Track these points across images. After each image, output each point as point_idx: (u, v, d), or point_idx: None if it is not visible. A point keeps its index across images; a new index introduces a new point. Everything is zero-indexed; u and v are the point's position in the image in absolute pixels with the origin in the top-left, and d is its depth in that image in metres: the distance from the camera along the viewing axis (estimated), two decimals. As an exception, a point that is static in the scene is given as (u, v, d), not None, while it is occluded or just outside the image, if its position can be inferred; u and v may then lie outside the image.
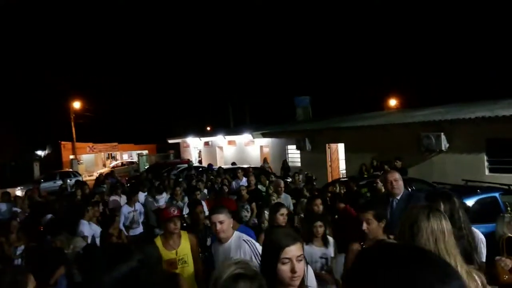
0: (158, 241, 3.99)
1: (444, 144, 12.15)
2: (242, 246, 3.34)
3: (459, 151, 12.00)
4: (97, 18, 66.06)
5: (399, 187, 4.32)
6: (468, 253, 2.47)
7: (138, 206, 8.16)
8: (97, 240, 6.24)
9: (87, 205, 6.87)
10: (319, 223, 4.40)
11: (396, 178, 4.24)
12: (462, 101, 16.67)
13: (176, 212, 4.19)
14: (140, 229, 7.96)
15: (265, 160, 16.86)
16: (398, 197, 4.36)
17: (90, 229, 6.20)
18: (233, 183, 10.15)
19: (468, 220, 2.70)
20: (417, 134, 12.66)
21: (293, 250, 2.11)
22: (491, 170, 11.41)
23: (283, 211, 4.64)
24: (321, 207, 5.66)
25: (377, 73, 38.35)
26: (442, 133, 12.10)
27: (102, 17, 67.04)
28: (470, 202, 6.81)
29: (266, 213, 6.76)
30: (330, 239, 4.50)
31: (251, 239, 3.46)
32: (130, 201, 8.00)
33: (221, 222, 3.41)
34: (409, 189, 6.78)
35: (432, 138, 12.26)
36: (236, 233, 3.53)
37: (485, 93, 20.04)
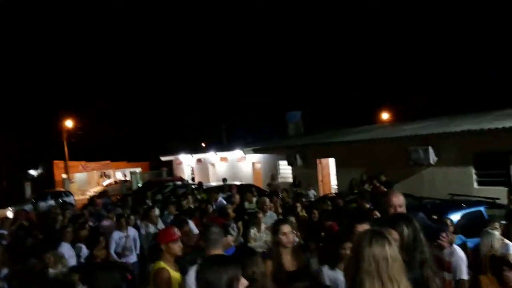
0: (164, 265, 3.81)
1: (432, 158, 12.20)
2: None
3: (447, 164, 12.06)
4: (88, 34, 66.44)
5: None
6: (427, 279, 2.46)
7: (132, 232, 7.34)
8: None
9: (68, 226, 6.80)
10: (349, 244, 3.60)
11: (401, 203, 3.48)
12: (453, 113, 16.64)
13: (178, 233, 4.10)
14: (133, 258, 7.25)
15: (272, 177, 15.72)
16: None
17: (71, 251, 6.14)
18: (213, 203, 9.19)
19: (427, 243, 2.69)
20: (405, 148, 12.73)
21: None
22: (479, 183, 11.44)
23: (285, 229, 3.89)
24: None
25: (368, 86, 38.70)
26: (429, 147, 12.15)
27: (93, 33, 67.45)
28: (456, 216, 6.82)
29: (252, 231, 6.76)
30: None
31: None
32: (121, 225, 7.22)
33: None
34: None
35: (420, 152, 12.31)
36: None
37: (481, 104, 19.85)
